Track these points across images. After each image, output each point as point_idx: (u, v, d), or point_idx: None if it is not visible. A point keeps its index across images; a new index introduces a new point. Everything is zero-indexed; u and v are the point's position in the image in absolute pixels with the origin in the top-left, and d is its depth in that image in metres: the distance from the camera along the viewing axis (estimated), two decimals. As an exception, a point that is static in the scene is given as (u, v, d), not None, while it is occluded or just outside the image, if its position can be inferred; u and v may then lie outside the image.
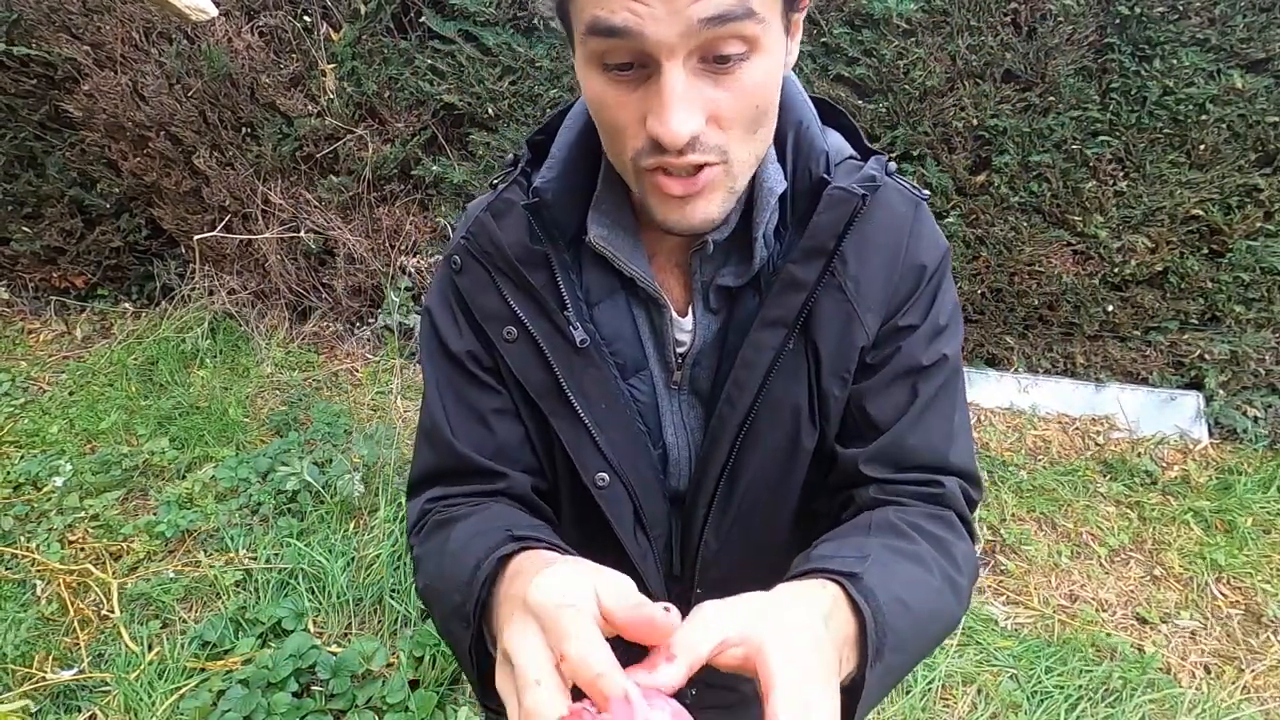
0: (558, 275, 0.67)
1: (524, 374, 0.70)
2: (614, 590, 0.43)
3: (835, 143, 0.69)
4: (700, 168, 0.56)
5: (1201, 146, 2.73)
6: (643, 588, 0.73)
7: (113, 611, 2.15)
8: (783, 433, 0.71)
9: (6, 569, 2.29)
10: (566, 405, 0.69)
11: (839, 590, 0.52)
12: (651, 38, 0.50)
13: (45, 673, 1.95)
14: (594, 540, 0.73)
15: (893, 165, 0.68)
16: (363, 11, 3.04)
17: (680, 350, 0.71)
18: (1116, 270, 2.97)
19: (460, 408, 0.72)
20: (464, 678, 1.95)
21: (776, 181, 0.66)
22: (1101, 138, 2.78)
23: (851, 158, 0.68)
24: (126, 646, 2.04)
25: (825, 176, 0.65)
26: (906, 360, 0.68)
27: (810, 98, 0.71)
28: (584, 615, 0.41)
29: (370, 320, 3.60)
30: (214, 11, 1.82)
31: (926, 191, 0.71)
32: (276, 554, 2.33)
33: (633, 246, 0.68)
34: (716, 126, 0.55)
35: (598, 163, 0.69)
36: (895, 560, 0.58)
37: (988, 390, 3.21)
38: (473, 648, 0.57)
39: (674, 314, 0.70)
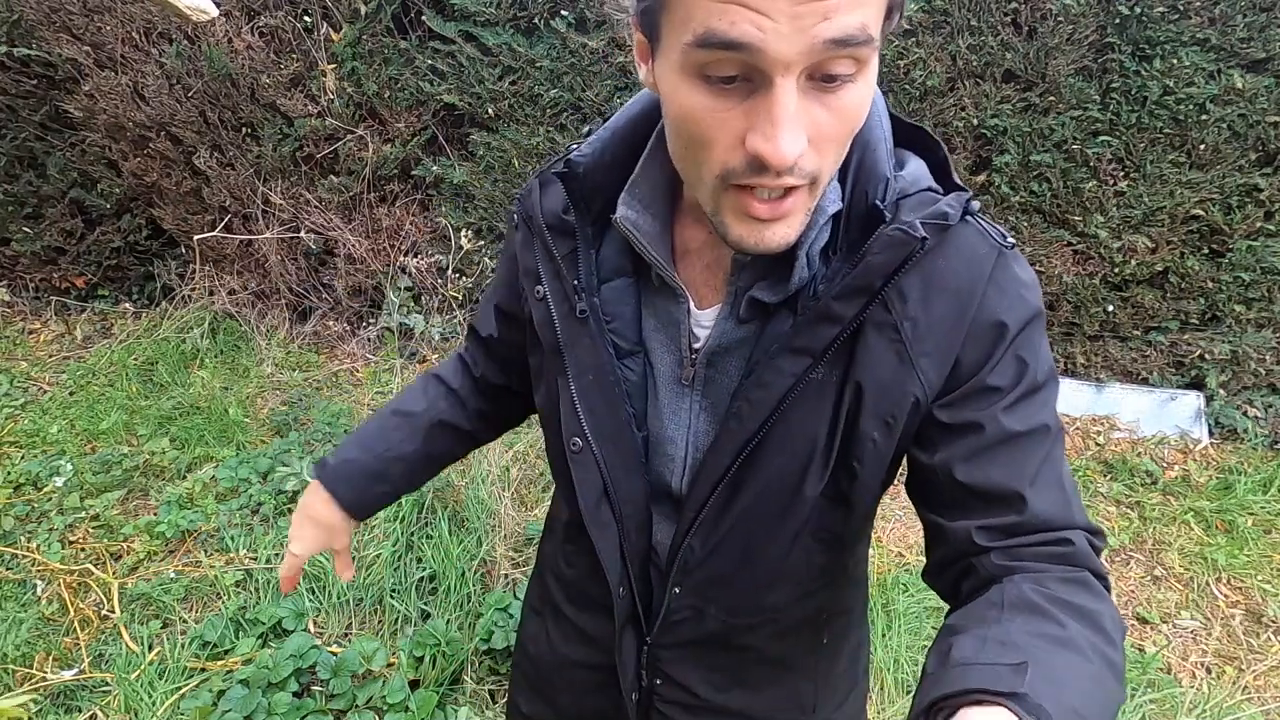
0: (579, 247, 0.71)
1: (541, 330, 0.75)
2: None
3: (913, 171, 0.64)
4: (789, 191, 0.54)
5: (1202, 146, 2.73)
6: (594, 561, 0.77)
7: (113, 611, 2.15)
8: (794, 464, 0.67)
9: (7, 569, 2.29)
10: (562, 368, 0.73)
11: (1007, 714, 0.45)
12: (771, 54, 0.47)
13: (46, 673, 1.95)
14: (566, 495, 0.79)
15: (976, 204, 0.62)
16: (363, 12, 3.04)
17: (695, 345, 0.71)
18: (1117, 270, 2.97)
19: (492, 291, 0.89)
20: (465, 677, 1.96)
21: (831, 200, 0.63)
22: (1102, 138, 2.78)
23: (930, 189, 0.62)
24: (127, 646, 2.04)
25: (878, 204, 0.61)
26: (1002, 427, 0.62)
27: (903, 122, 0.66)
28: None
29: (371, 320, 3.60)
30: (215, 12, 1.82)
31: (1012, 239, 0.63)
32: (277, 554, 2.33)
33: (659, 236, 0.68)
34: (814, 149, 0.53)
35: (639, 150, 0.69)
36: (1052, 657, 0.51)
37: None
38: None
39: (693, 306, 0.70)
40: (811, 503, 0.69)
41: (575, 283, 0.70)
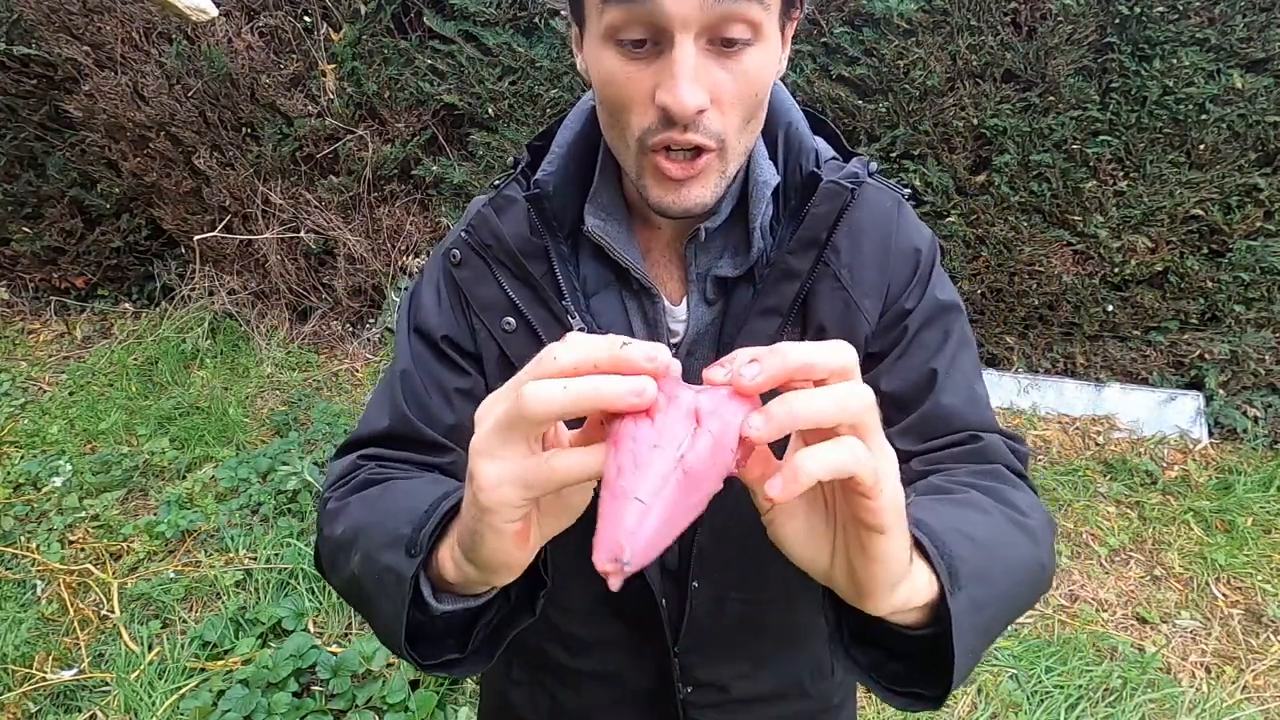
0: (555, 266, 0.70)
1: (522, 362, 0.71)
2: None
3: (821, 146, 0.73)
4: (699, 152, 0.59)
5: (1201, 146, 2.73)
6: (641, 579, 0.73)
7: (113, 611, 2.15)
8: None
9: (7, 569, 2.29)
10: None
11: None
12: (668, 9, 0.53)
13: (45, 673, 1.95)
14: (585, 531, 0.73)
15: (874, 165, 0.71)
16: (363, 12, 3.04)
17: (674, 340, 0.72)
18: (1116, 270, 2.97)
19: (425, 379, 0.73)
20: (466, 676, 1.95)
21: (770, 175, 0.70)
22: (1101, 137, 2.78)
23: (834, 158, 0.71)
24: (127, 646, 2.04)
25: (816, 171, 0.68)
26: (914, 337, 0.71)
27: (803, 107, 0.74)
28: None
29: (370, 320, 3.60)
30: (214, 12, 1.83)
31: (907, 190, 0.74)
32: (277, 554, 2.33)
33: (626, 238, 0.70)
34: (718, 110, 0.58)
35: (595, 159, 0.71)
36: (940, 506, 0.55)
37: (988, 390, 3.21)
38: (414, 579, 0.52)
39: (667, 303, 0.72)
40: None
41: (564, 302, 0.69)
